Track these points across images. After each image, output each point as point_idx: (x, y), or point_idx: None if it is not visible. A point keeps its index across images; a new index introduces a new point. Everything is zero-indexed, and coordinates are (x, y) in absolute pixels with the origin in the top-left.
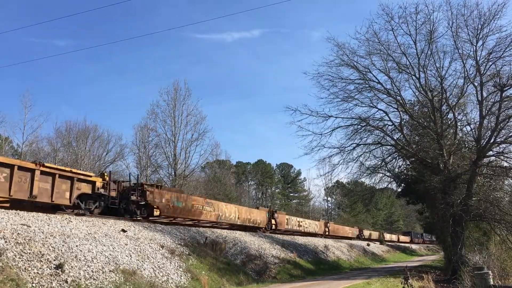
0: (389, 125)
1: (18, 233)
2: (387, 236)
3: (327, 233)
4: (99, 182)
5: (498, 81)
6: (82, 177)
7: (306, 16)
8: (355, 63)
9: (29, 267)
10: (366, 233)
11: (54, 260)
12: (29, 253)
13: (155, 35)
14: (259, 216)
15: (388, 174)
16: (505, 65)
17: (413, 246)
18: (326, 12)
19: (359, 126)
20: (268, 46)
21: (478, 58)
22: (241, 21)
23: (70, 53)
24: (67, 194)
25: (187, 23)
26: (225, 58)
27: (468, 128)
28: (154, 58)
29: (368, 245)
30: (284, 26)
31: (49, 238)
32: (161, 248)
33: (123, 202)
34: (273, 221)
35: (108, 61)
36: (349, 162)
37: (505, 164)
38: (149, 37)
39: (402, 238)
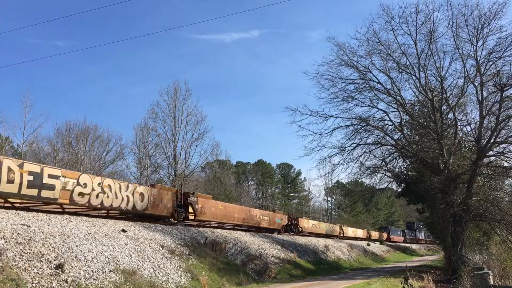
0: (389, 125)
1: (18, 233)
2: (350, 232)
3: (195, 216)
4: None
5: (498, 81)
6: None
7: (305, 16)
8: (355, 63)
9: (29, 267)
10: (305, 224)
11: (54, 260)
12: (29, 253)
13: (155, 35)
14: None
15: (388, 174)
16: (505, 65)
17: (413, 246)
18: (325, 13)
19: (359, 126)
20: (267, 46)
21: (478, 58)
22: (239, 22)
23: (70, 53)
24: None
25: (187, 24)
26: (225, 58)
27: (468, 128)
28: (154, 58)
29: (368, 245)
30: (282, 27)
31: (49, 238)
32: (161, 248)
33: None
34: None
35: (107, 61)
36: (349, 162)
37: (505, 164)
38: (149, 37)
39: (375, 234)
